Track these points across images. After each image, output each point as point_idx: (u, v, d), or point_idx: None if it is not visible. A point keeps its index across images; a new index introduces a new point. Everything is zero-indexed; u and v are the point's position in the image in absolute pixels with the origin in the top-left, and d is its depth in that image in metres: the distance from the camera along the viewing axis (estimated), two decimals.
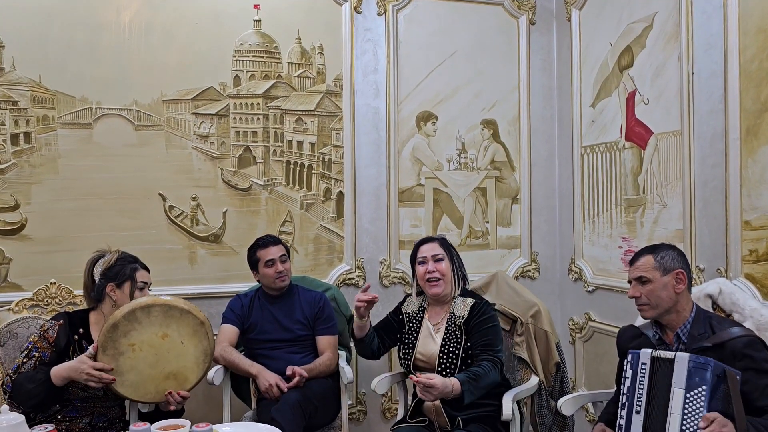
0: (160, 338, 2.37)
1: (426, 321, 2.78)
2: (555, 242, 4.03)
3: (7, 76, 3.15)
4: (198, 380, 2.47)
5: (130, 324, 2.33)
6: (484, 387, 2.52)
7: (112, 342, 2.31)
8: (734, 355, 2.04)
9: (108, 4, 3.28)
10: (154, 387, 2.38)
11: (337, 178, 3.65)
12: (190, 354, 2.42)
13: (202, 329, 2.44)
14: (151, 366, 2.37)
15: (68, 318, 2.50)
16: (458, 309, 2.70)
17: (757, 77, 2.65)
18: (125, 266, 2.52)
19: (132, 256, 2.59)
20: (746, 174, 2.70)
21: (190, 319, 2.42)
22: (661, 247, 2.27)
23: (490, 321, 2.68)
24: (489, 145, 3.93)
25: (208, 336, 2.46)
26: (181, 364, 2.41)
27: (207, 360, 2.47)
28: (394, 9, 3.72)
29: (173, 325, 2.39)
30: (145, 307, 2.35)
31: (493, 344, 2.63)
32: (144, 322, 2.35)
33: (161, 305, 2.38)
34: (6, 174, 3.15)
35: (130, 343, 2.33)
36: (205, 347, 2.45)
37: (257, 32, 3.52)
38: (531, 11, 3.98)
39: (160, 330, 2.37)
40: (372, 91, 3.70)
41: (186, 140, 3.43)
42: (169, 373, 2.40)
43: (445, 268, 2.73)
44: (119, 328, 2.32)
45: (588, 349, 3.77)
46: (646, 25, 3.26)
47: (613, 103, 3.52)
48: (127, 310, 2.33)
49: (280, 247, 3.04)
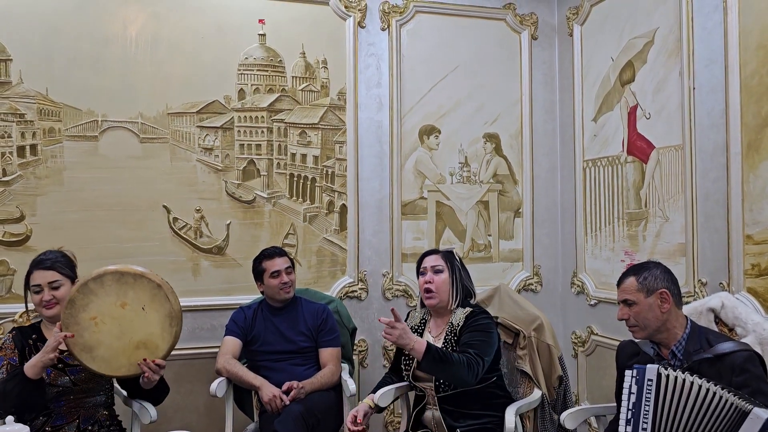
0: (120, 307, 2.32)
1: (427, 333, 2.78)
2: (557, 255, 4.04)
3: (15, 89, 3.18)
4: (170, 346, 2.42)
5: (86, 297, 2.29)
6: (448, 372, 2.47)
7: (73, 318, 2.28)
8: (733, 369, 2.03)
9: (114, 18, 3.32)
10: (126, 359, 2.34)
11: (340, 191, 3.67)
12: (154, 320, 2.37)
13: (160, 292, 2.38)
14: (117, 338, 2.32)
15: (18, 329, 2.50)
16: (456, 319, 2.69)
17: (758, 92, 2.67)
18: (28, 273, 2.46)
19: (39, 257, 2.49)
20: (748, 188, 2.71)
21: (145, 283, 2.36)
22: (644, 267, 2.26)
23: (481, 327, 2.62)
24: (491, 158, 3.95)
25: (169, 298, 2.39)
26: (148, 331, 2.36)
27: (174, 323, 2.39)
28: (398, 24, 3.76)
29: (129, 292, 2.34)
30: (96, 277, 2.31)
31: (475, 345, 2.55)
32: (99, 293, 2.31)
33: (112, 273, 2.33)
34: (12, 186, 3.17)
35: (91, 316, 2.29)
36: (168, 310, 2.38)
37: (262, 46, 3.56)
38: (533, 26, 4.02)
39: (117, 299, 2.32)
40: (375, 104, 3.73)
41: (190, 153, 3.46)
42: (138, 342, 2.35)
43: (441, 279, 2.71)
44: (76, 303, 2.28)
45: (590, 363, 3.76)
46: (647, 40, 3.29)
47: (614, 117, 3.55)
48: (80, 284, 2.30)
49: (286, 259, 3.06)
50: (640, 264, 2.32)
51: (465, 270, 2.82)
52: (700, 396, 1.98)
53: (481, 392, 2.61)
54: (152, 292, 2.37)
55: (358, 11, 3.69)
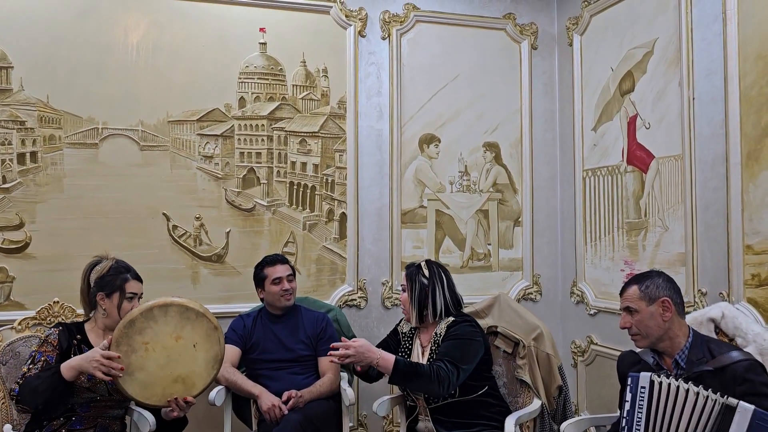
0: (174, 339, 2.36)
1: (417, 340, 2.80)
2: (557, 265, 4.03)
3: (15, 96, 3.18)
4: (205, 387, 2.45)
5: (147, 322, 2.33)
6: (418, 384, 2.51)
7: (127, 338, 2.31)
8: (735, 380, 2.03)
9: (115, 26, 3.33)
10: (161, 389, 2.37)
11: (340, 199, 3.67)
12: (201, 359, 2.41)
13: (215, 334, 2.42)
14: (161, 367, 2.36)
15: (65, 326, 2.53)
16: (439, 329, 2.69)
17: (758, 103, 2.68)
18: (117, 276, 2.52)
19: (125, 265, 2.59)
20: (748, 198, 2.71)
21: (205, 322, 2.41)
22: (647, 276, 2.28)
23: (458, 335, 2.61)
24: (491, 167, 3.96)
25: (220, 342, 2.44)
26: (191, 368, 2.40)
27: (216, 366, 2.44)
28: (398, 33, 3.78)
29: (188, 327, 2.38)
30: (163, 306, 2.35)
31: (450, 354, 2.54)
32: (160, 321, 2.34)
33: (178, 305, 2.38)
34: (11, 193, 3.17)
35: (144, 341, 2.33)
36: (216, 353, 2.43)
37: (263, 55, 3.57)
38: (533, 36, 4.03)
39: (174, 331, 2.36)
40: (375, 113, 3.74)
41: (190, 160, 3.46)
42: (178, 377, 2.38)
43: (404, 298, 2.76)
44: (135, 325, 2.32)
45: (590, 373, 3.75)
46: (647, 50, 3.30)
47: (614, 126, 3.55)
48: (145, 308, 2.33)
49: (287, 267, 3.06)
50: (643, 273, 2.34)
51: (441, 280, 2.75)
52: (689, 400, 1.98)
53: (473, 402, 2.60)
54: (208, 333, 2.42)
55: (358, 20, 3.70)
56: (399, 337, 2.89)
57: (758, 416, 1.86)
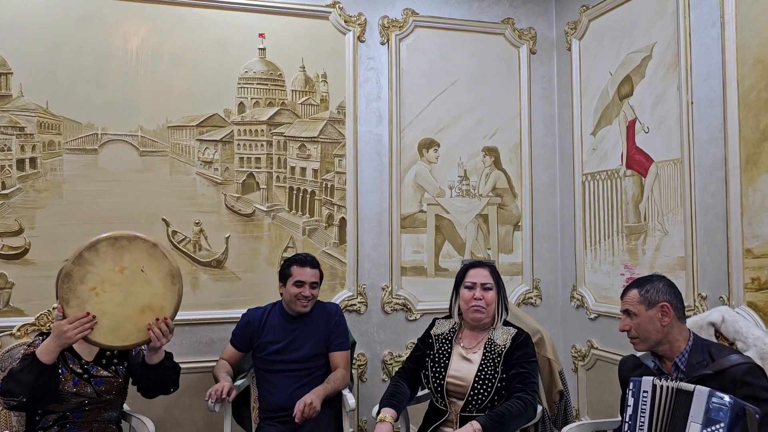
0: (119, 273, 2.25)
1: (457, 344, 2.66)
2: (557, 269, 4.03)
3: (15, 102, 3.18)
4: (176, 305, 2.34)
5: (82, 267, 2.22)
6: (510, 428, 2.41)
7: (72, 292, 2.21)
8: (734, 383, 2.04)
9: (115, 32, 3.34)
10: (132, 325, 2.27)
11: (339, 204, 3.67)
12: (156, 279, 2.29)
13: (157, 251, 2.30)
14: (120, 305, 2.25)
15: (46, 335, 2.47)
16: (499, 338, 2.59)
17: (756, 107, 2.68)
18: None
19: None
20: (747, 202, 2.72)
21: (141, 243, 2.28)
22: (648, 280, 2.29)
23: (531, 355, 2.58)
24: (491, 171, 3.96)
25: (167, 256, 2.32)
26: (151, 292, 2.29)
27: (176, 281, 2.32)
28: (397, 38, 3.78)
29: (126, 255, 2.26)
30: (90, 246, 2.23)
31: (531, 381, 2.51)
32: (95, 262, 2.23)
33: (106, 239, 2.25)
34: (11, 198, 3.17)
35: (91, 287, 2.22)
36: (168, 268, 2.31)
37: (262, 60, 3.57)
38: (531, 41, 4.04)
39: (115, 264, 2.24)
40: (375, 118, 3.74)
41: (190, 166, 3.46)
42: (143, 306, 2.28)
43: (491, 297, 2.64)
44: (73, 276, 2.21)
45: (591, 377, 3.75)
46: (645, 55, 3.31)
47: (613, 131, 3.56)
48: (75, 255, 2.22)
49: (316, 273, 2.99)
50: (645, 277, 2.35)
51: (504, 285, 2.76)
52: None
53: None
54: (149, 252, 2.29)
55: (357, 26, 3.71)
56: (431, 340, 2.73)
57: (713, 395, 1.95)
